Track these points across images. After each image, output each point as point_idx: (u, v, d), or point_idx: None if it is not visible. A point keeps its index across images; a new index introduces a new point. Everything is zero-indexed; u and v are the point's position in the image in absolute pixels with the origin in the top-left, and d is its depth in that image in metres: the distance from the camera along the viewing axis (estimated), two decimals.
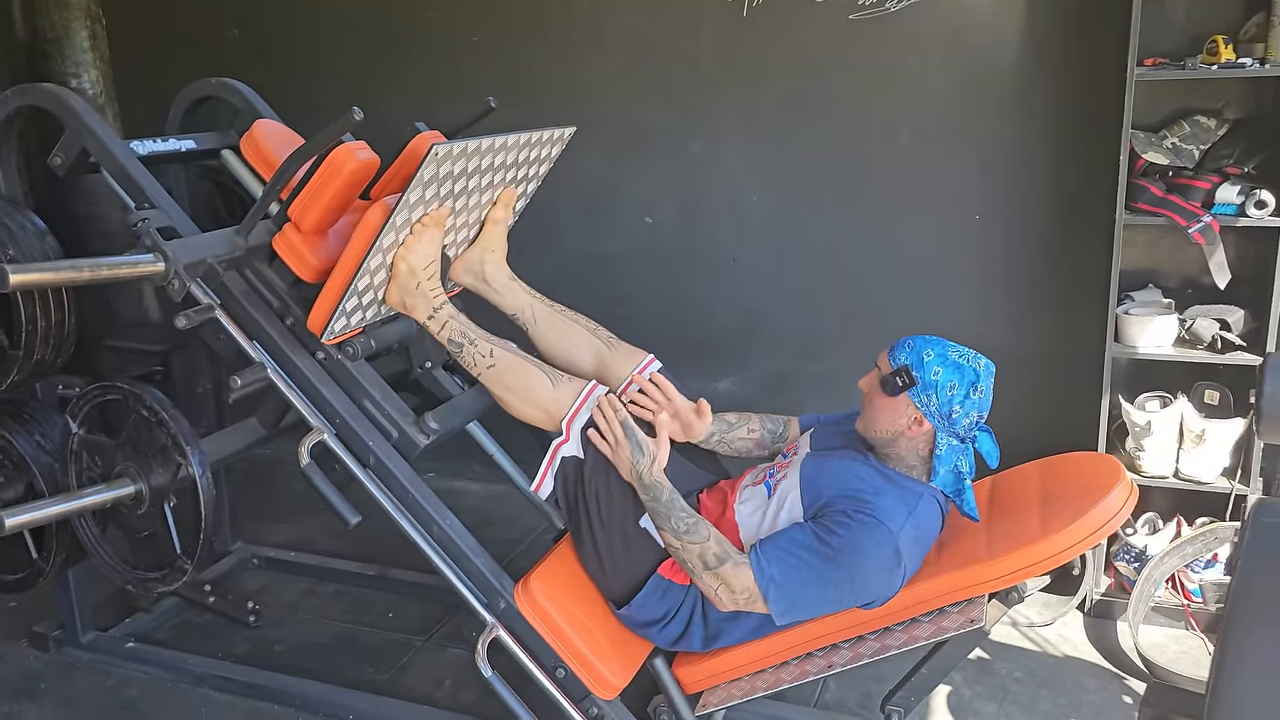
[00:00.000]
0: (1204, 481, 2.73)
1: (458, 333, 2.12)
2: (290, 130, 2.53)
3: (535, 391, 2.06)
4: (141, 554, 2.30)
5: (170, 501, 2.17)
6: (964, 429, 1.93)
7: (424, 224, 2.09)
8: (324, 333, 2.12)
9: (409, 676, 2.67)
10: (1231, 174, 2.65)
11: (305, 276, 2.20)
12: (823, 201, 3.27)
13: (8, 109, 2.35)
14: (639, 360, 2.27)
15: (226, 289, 2.18)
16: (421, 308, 2.14)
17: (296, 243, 2.19)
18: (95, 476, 2.23)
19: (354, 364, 2.22)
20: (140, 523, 2.22)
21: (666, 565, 2.03)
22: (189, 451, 2.09)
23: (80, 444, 2.24)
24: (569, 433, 2.01)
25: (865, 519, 1.84)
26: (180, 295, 2.11)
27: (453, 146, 1.98)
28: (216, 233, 2.21)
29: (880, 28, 3.05)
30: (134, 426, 2.15)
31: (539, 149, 2.35)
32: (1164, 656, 2.64)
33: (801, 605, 1.87)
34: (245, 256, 2.21)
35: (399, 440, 2.19)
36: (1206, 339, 2.68)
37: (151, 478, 2.16)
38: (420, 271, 2.12)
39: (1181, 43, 2.70)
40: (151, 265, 2.05)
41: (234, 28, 3.81)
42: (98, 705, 2.57)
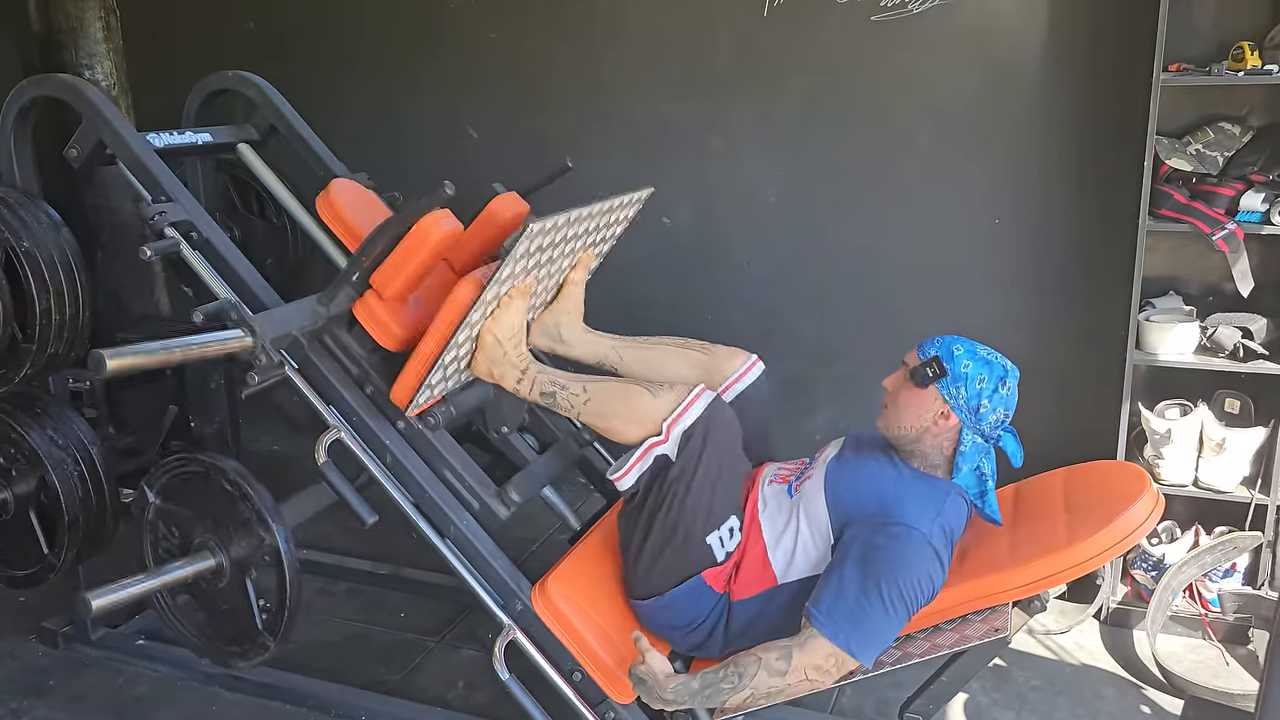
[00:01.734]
0: (1223, 490, 2.71)
1: (547, 384, 2.08)
2: (366, 190, 2.53)
3: (637, 407, 1.97)
4: (219, 626, 2.25)
5: (252, 575, 2.14)
6: (990, 426, 1.91)
7: (511, 295, 2.07)
8: (409, 406, 2.11)
9: (422, 677, 2.65)
10: (1256, 181, 2.64)
11: (387, 345, 2.18)
12: (841, 203, 3.25)
13: (23, 100, 2.33)
14: (742, 360, 2.26)
15: (309, 360, 2.16)
16: (510, 375, 2.12)
17: (379, 311, 2.16)
18: (172, 547, 2.20)
19: (434, 434, 2.19)
20: (220, 596, 2.19)
21: (712, 571, 2.00)
22: (274, 526, 2.06)
23: (157, 514, 2.20)
24: (669, 433, 1.93)
25: (896, 530, 1.82)
26: (266, 371, 2.08)
27: (545, 223, 1.97)
28: (300, 303, 2.18)
29: (902, 29, 3.03)
30: (215, 499, 2.12)
31: (619, 211, 2.36)
32: (1181, 666, 2.62)
33: (879, 639, 1.80)
34: (326, 325, 2.19)
35: (480, 512, 2.17)
36: (1228, 347, 2.66)
37: (232, 550, 2.13)
38: (507, 341, 2.10)
39: (1207, 49, 2.69)
40: (240, 342, 2.03)
41: (250, 20, 3.80)
42: (107, 702, 2.55)
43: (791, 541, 1.97)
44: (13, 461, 2.42)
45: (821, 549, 1.94)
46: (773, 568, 1.98)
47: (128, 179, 2.31)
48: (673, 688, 1.86)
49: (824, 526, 1.93)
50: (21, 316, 2.28)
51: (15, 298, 2.27)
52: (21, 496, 2.43)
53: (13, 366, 2.32)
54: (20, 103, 2.32)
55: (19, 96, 2.32)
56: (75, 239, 2.36)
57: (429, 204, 2.04)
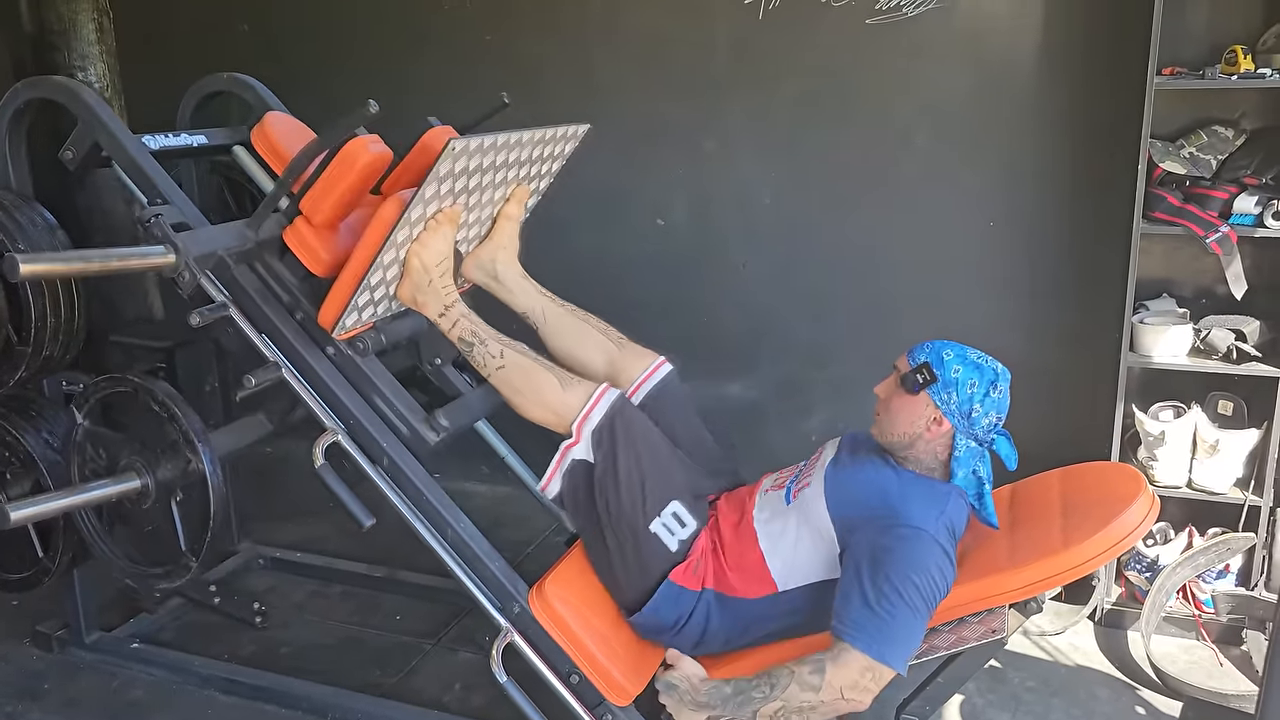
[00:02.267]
0: (1217, 492, 2.72)
1: (468, 332, 2.10)
2: (301, 124, 2.50)
3: (545, 393, 2.03)
4: (145, 550, 2.27)
5: (177, 497, 2.14)
6: (983, 430, 1.92)
7: (438, 220, 2.07)
8: (335, 328, 2.10)
9: (418, 680, 2.65)
10: (1249, 184, 2.65)
11: (316, 271, 2.18)
12: (836, 205, 3.25)
13: (18, 102, 2.32)
14: (649, 362, 2.26)
15: (237, 283, 2.15)
16: (433, 305, 2.12)
17: (308, 236, 2.17)
18: (100, 469, 2.20)
19: (364, 360, 2.19)
20: (145, 518, 2.19)
21: (678, 571, 2.01)
22: (200, 447, 2.07)
23: (85, 435, 2.20)
24: (579, 435, 1.98)
25: (902, 531, 1.82)
26: (190, 288, 2.09)
27: (469, 142, 1.96)
28: (227, 225, 2.19)
29: (897, 32, 3.03)
30: (143, 420, 2.12)
31: (553, 145, 2.33)
32: (1175, 667, 2.63)
33: (908, 643, 1.79)
34: (256, 250, 2.18)
35: (409, 437, 2.17)
36: (1222, 349, 2.67)
37: (159, 472, 2.13)
38: (433, 268, 2.09)
39: (1200, 52, 2.70)
40: (162, 257, 2.03)
41: (244, 22, 3.78)
42: (102, 706, 2.54)
43: (791, 550, 1.97)
44: (7, 465, 2.42)
45: (826, 556, 1.94)
46: (771, 575, 1.98)
47: (123, 181, 2.31)
48: (706, 690, 1.88)
49: (827, 534, 1.92)
50: (16, 319, 2.27)
51: (10, 301, 2.27)
52: (15, 499, 2.41)
53: (7, 369, 2.32)
54: (15, 105, 2.31)
55: (13, 99, 2.31)
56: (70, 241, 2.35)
57: (353, 123, 1.99)
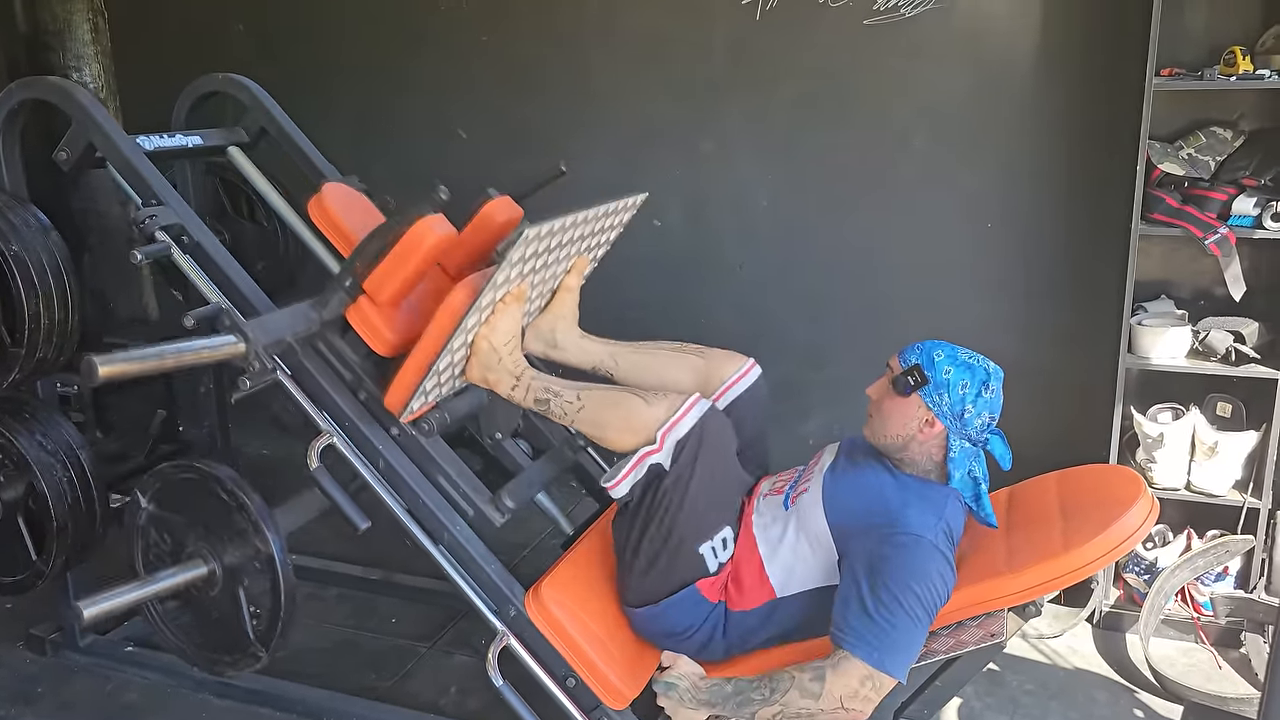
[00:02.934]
0: (1215, 494, 2.72)
1: (541, 391, 2.06)
2: (356, 193, 2.50)
3: (631, 417, 1.95)
4: (210, 635, 2.22)
5: (244, 583, 2.11)
6: (976, 430, 1.91)
7: (506, 301, 2.05)
8: (402, 412, 2.09)
9: (413, 683, 2.64)
10: (1248, 186, 2.64)
11: (380, 351, 2.16)
12: (833, 207, 3.25)
13: (12, 102, 2.31)
14: (739, 364, 2.25)
15: (304, 367, 2.14)
16: (505, 381, 2.09)
17: (372, 316, 2.15)
18: (163, 554, 2.17)
19: (428, 440, 2.17)
20: (211, 605, 2.16)
21: (706, 582, 2.00)
22: (270, 537, 2.04)
23: (149, 520, 2.17)
24: (663, 443, 1.91)
25: (902, 539, 1.81)
26: (259, 378, 2.06)
27: (541, 228, 1.96)
28: (293, 309, 2.16)
29: (895, 33, 3.03)
30: (208, 506, 2.09)
31: (615, 217, 2.34)
32: (1174, 670, 2.62)
33: (909, 651, 1.78)
34: (320, 331, 2.17)
35: (475, 519, 2.16)
36: (1220, 351, 2.67)
37: (225, 558, 2.10)
38: (502, 348, 2.08)
39: (1199, 53, 2.70)
40: (233, 348, 2.01)
41: (239, 22, 3.77)
42: (96, 709, 2.52)
43: (790, 556, 1.96)
44: (0, 467, 2.40)
45: (824, 563, 1.93)
46: (770, 581, 1.98)
47: (118, 182, 2.29)
48: (708, 688, 1.88)
49: (826, 541, 1.91)
50: (10, 321, 2.26)
51: (4, 302, 2.25)
52: (10, 502, 2.40)
53: (1, 371, 2.30)
54: (9, 105, 2.30)
55: (7, 99, 2.29)
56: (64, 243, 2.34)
57: (422, 209, 2.02)
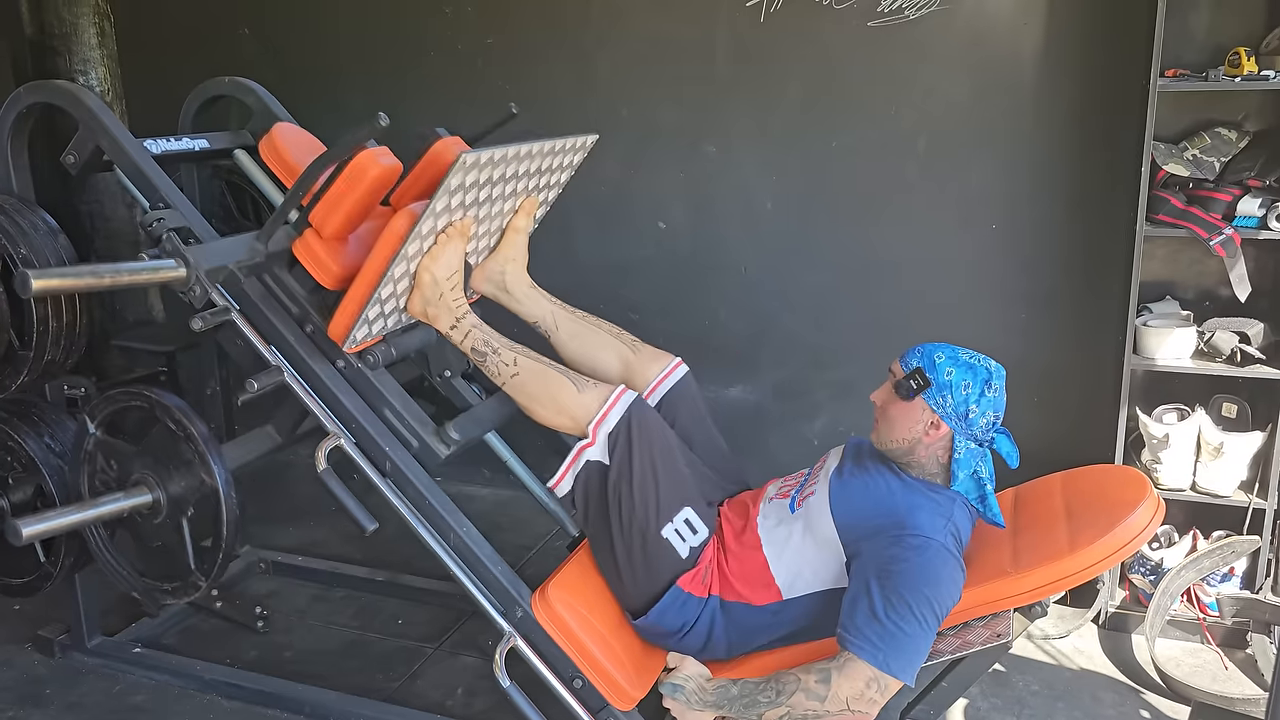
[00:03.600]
0: (1221, 494, 2.72)
1: (481, 342, 2.10)
2: (309, 135, 2.50)
3: (561, 398, 2.02)
4: (152, 563, 2.24)
5: (189, 513, 2.13)
6: (981, 430, 1.92)
7: (448, 234, 2.07)
8: (346, 341, 2.10)
9: (420, 684, 2.64)
10: (1253, 186, 2.64)
11: (326, 283, 2.17)
12: (837, 209, 3.25)
13: (20, 106, 2.32)
14: (665, 364, 2.27)
15: (247, 296, 2.15)
16: (444, 318, 2.12)
17: (318, 249, 2.16)
18: (109, 480, 2.19)
19: (374, 372, 2.19)
20: (154, 532, 2.17)
21: (686, 577, 2.01)
22: (214, 466, 2.05)
23: (97, 445, 2.19)
24: (595, 436, 1.98)
25: (912, 541, 1.81)
26: (201, 301, 2.08)
27: (480, 155, 1.95)
28: (237, 238, 2.19)
29: (899, 35, 3.03)
30: (157, 435, 2.11)
31: (562, 156, 2.33)
32: (1180, 670, 2.63)
33: (916, 654, 1.78)
34: (265, 262, 2.18)
35: (419, 450, 2.16)
36: (1225, 352, 2.67)
37: (170, 488, 2.11)
38: (444, 281, 2.09)
39: (1203, 54, 2.70)
40: (173, 271, 2.03)
41: (244, 26, 3.78)
42: (104, 710, 2.53)
43: (796, 558, 1.97)
44: (9, 469, 2.42)
45: (832, 567, 1.93)
46: (776, 583, 1.98)
47: (125, 186, 2.30)
48: (714, 689, 1.89)
49: (833, 544, 1.92)
50: (19, 324, 2.27)
51: (13, 305, 2.26)
52: (18, 504, 2.42)
53: (10, 374, 2.31)
54: (17, 109, 2.31)
55: (16, 103, 2.30)
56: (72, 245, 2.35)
57: (363, 136, 1.98)
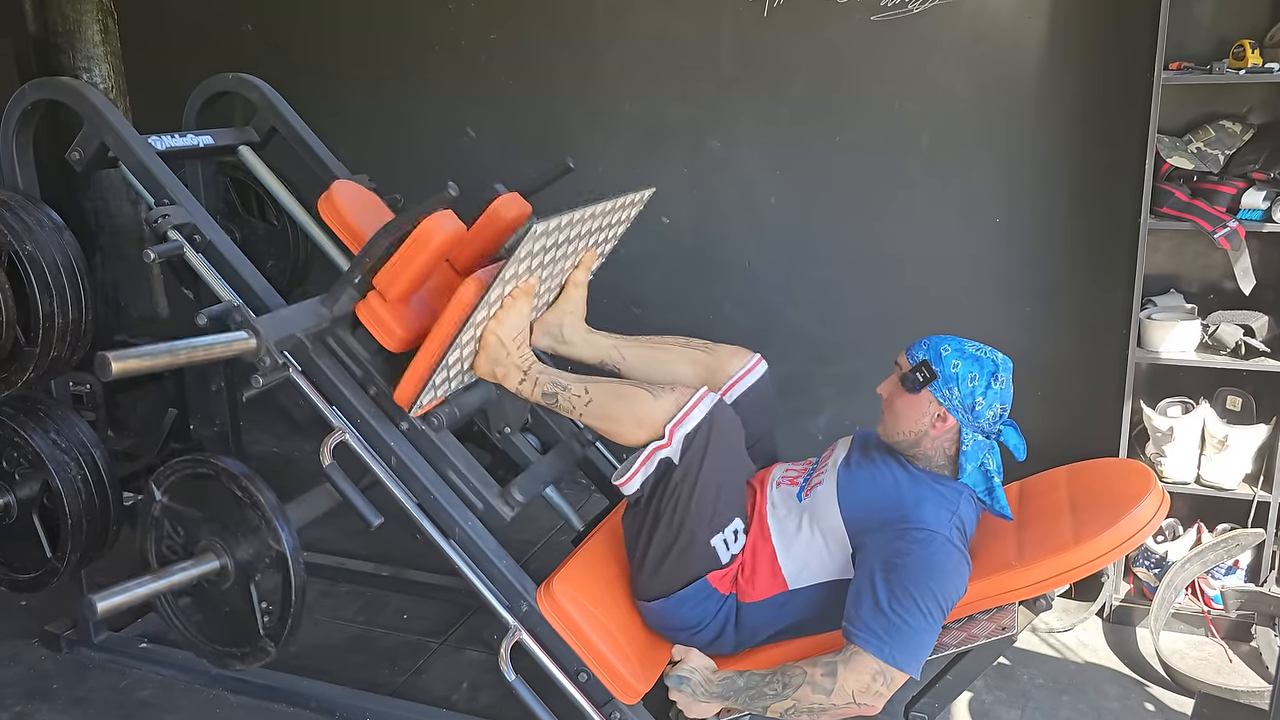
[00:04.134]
0: (1226, 488, 2.72)
1: (550, 384, 2.07)
2: (366, 191, 2.52)
3: (638, 410, 1.95)
4: (220, 629, 2.23)
5: (256, 578, 2.12)
6: (988, 422, 1.92)
7: (514, 296, 2.06)
8: (412, 407, 2.11)
9: (426, 678, 2.65)
10: (1257, 179, 2.64)
11: (390, 346, 2.17)
12: (841, 203, 3.25)
13: (25, 103, 2.32)
14: (746, 360, 2.26)
15: (314, 363, 2.15)
16: (513, 375, 2.10)
17: (382, 313, 2.16)
18: (176, 547, 2.18)
19: (438, 435, 2.19)
20: (223, 599, 2.17)
21: (717, 574, 2.00)
22: (283, 534, 2.04)
23: (163, 512, 2.18)
24: (671, 437, 1.91)
25: (918, 535, 1.82)
26: (270, 372, 2.07)
27: (549, 223, 1.97)
28: (303, 305, 2.18)
29: (903, 29, 3.02)
30: (222, 501, 2.10)
31: (622, 212, 2.36)
32: (1184, 663, 2.63)
33: (921, 647, 1.78)
34: (330, 327, 2.18)
35: (484, 512, 2.17)
36: (1230, 345, 2.66)
37: (238, 553, 2.11)
38: (510, 342, 2.09)
39: (1208, 47, 2.69)
40: (244, 343, 2.02)
41: (248, 22, 3.78)
42: (111, 706, 2.54)
43: (804, 549, 1.97)
44: (15, 465, 2.42)
45: (839, 558, 1.93)
46: (783, 573, 1.99)
47: (130, 182, 2.31)
48: (720, 681, 1.90)
49: (839, 535, 1.92)
50: (24, 320, 2.27)
51: (18, 301, 2.26)
52: (25, 500, 2.42)
53: (15, 370, 2.31)
54: (22, 106, 2.31)
55: (21, 100, 2.31)
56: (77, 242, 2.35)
57: (432, 205, 2.04)
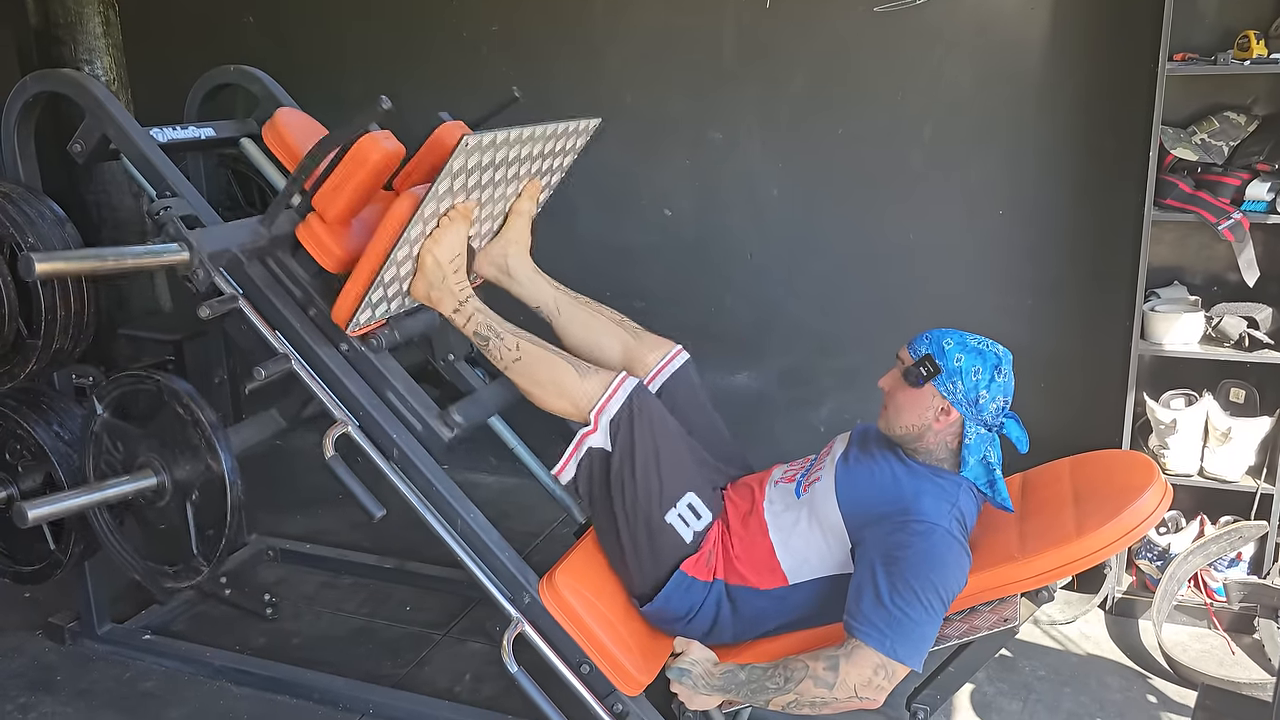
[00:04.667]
0: (1229, 480, 2.71)
1: (484, 326, 2.10)
2: (313, 119, 2.50)
3: (563, 384, 2.03)
4: (155, 547, 2.25)
5: (193, 497, 2.14)
6: (991, 415, 1.91)
7: (451, 217, 2.07)
8: (349, 325, 2.10)
9: (428, 670, 2.66)
10: (1261, 170, 2.63)
11: (329, 267, 2.18)
12: (843, 195, 3.24)
13: (27, 95, 2.32)
14: (666, 351, 2.27)
15: (250, 280, 2.15)
16: (447, 301, 2.12)
17: (320, 233, 2.16)
18: (115, 463, 2.19)
19: (377, 356, 2.19)
20: (158, 516, 2.18)
21: (690, 562, 2.02)
22: (221, 452, 2.05)
23: (104, 427, 2.19)
24: (597, 423, 1.98)
25: (917, 528, 1.81)
26: (204, 285, 2.09)
27: (482, 137, 1.96)
28: (240, 222, 2.19)
29: (905, 20, 3.01)
30: (165, 419, 2.11)
31: (565, 140, 2.32)
32: (1187, 655, 2.63)
33: (923, 640, 1.78)
34: (269, 246, 2.18)
35: (423, 433, 2.17)
36: (1234, 336, 2.66)
37: (176, 471, 2.12)
38: (446, 264, 2.09)
39: (1212, 38, 2.68)
40: (176, 255, 2.04)
41: (249, 14, 3.78)
42: (115, 697, 2.55)
43: (802, 544, 1.97)
44: (19, 458, 2.42)
45: (838, 553, 1.93)
46: (782, 567, 1.98)
47: (132, 174, 2.31)
48: (721, 673, 1.90)
49: (839, 530, 1.92)
50: (26, 312, 2.27)
51: (20, 293, 2.26)
52: (28, 491, 2.42)
53: (18, 362, 2.32)
54: (24, 98, 2.31)
55: (22, 92, 2.31)
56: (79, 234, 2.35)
57: (365, 120, 1.99)
